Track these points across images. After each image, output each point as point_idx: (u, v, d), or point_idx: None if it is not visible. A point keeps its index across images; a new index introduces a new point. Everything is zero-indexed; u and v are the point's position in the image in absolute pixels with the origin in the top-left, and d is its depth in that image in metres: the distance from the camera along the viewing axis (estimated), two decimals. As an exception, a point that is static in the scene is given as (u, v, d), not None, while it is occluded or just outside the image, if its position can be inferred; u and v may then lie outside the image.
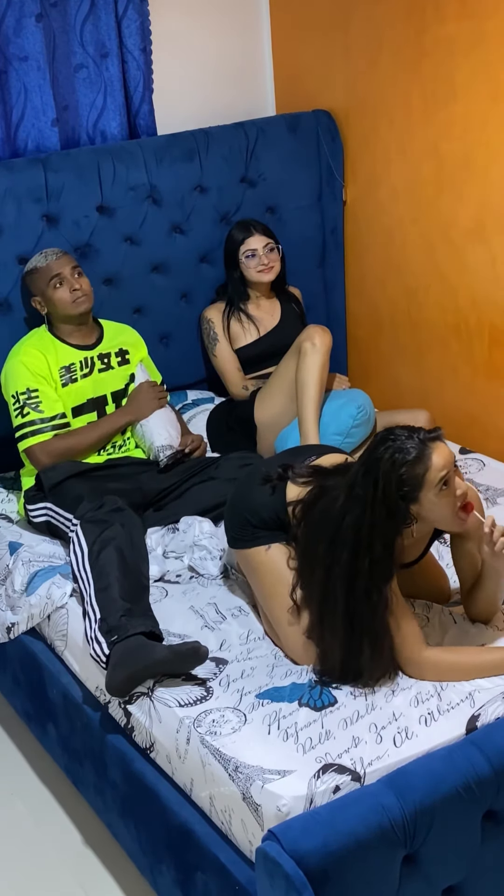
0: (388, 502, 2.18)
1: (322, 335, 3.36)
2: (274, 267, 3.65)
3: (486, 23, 3.19)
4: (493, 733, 2.06)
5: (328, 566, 2.28)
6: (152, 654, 2.37)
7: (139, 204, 3.60)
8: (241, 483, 2.67)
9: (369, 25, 3.61)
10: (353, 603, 2.24)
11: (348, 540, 2.23)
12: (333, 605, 2.27)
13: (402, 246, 3.78)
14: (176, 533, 3.02)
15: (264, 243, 3.63)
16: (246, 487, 2.61)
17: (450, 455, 2.21)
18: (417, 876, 1.93)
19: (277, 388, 3.48)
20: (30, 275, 3.30)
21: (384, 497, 2.18)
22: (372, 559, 2.21)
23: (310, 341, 3.34)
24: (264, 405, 3.51)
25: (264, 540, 2.51)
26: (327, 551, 2.29)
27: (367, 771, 2.04)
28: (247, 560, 2.55)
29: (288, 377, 3.41)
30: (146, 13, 3.64)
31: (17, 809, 2.93)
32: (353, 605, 2.24)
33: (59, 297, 3.23)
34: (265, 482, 2.54)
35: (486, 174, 3.35)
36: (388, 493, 2.18)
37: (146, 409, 3.29)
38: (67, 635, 2.71)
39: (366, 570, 2.22)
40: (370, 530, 2.21)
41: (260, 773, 2.05)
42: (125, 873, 2.66)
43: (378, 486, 2.18)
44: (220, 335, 3.68)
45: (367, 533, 2.21)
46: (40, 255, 3.29)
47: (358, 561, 2.22)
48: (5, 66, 3.46)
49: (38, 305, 3.29)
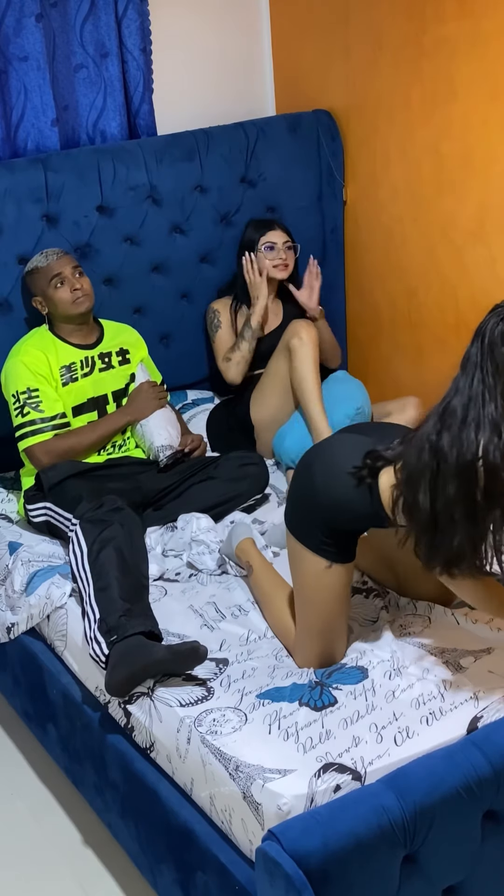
0: (496, 358, 2.03)
1: (307, 328, 3.41)
2: (289, 265, 3.66)
3: (486, 22, 3.19)
4: (493, 733, 2.06)
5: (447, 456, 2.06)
6: (152, 654, 2.37)
7: (139, 204, 3.60)
8: (320, 469, 2.34)
9: (369, 25, 3.62)
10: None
11: (470, 405, 2.04)
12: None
13: (402, 246, 3.78)
14: (175, 531, 3.03)
15: (284, 239, 3.64)
16: (327, 477, 2.31)
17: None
18: (417, 876, 1.93)
19: (270, 387, 3.49)
20: (30, 275, 3.30)
21: (491, 353, 2.04)
22: (495, 419, 2.01)
23: (296, 337, 3.38)
24: (259, 405, 3.52)
25: (331, 556, 2.32)
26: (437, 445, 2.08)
27: (367, 770, 2.04)
28: (302, 560, 2.37)
29: (279, 375, 3.44)
30: (146, 13, 3.64)
31: (17, 809, 2.93)
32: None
33: (59, 296, 3.23)
34: (353, 476, 2.27)
35: (486, 174, 3.35)
36: (495, 350, 2.03)
37: (146, 410, 3.29)
38: (67, 635, 2.71)
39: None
40: (481, 385, 2.03)
41: (260, 773, 2.05)
42: (125, 873, 2.66)
43: (485, 342, 2.05)
44: (224, 324, 3.68)
45: (479, 390, 2.03)
46: (41, 255, 3.29)
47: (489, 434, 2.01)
48: (5, 66, 3.46)
49: (38, 305, 3.29)
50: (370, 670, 2.36)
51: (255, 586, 2.72)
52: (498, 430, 2.02)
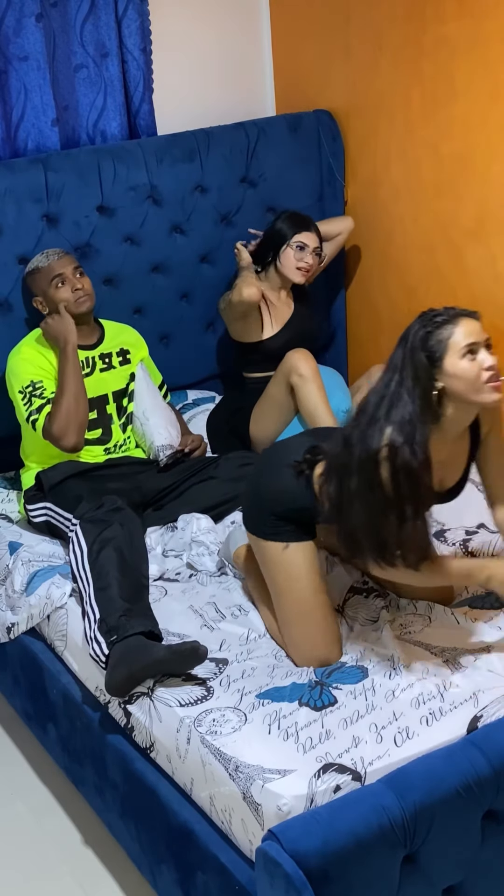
0: (415, 362, 2.21)
1: (306, 362, 3.36)
2: (311, 272, 3.60)
3: (486, 22, 3.19)
4: (493, 733, 2.06)
5: (356, 438, 2.23)
6: (152, 654, 2.37)
7: (139, 204, 3.60)
8: (266, 466, 2.57)
9: (369, 25, 3.62)
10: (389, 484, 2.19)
11: (382, 403, 2.21)
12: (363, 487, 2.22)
13: (402, 246, 3.78)
14: (175, 531, 3.03)
15: (316, 244, 3.58)
16: (271, 471, 2.52)
17: (478, 330, 2.25)
18: (417, 876, 1.93)
19: (268, 411, 3.47)
20: (31, 275, 3.30)
21: (412, 357, 2.21)
22: (404, 419, 2.18)
23: (296, 374, 3.34)
24: (258, 424, 3.51)
25: (285, 537, 2.46)
26: (355, 426, 2.25)
27: (367, 770, 2.04)
28: (262, 551, 2.51)
29: (278, 400, 3.42)
30: (146, 13, 3.64)
31: (18, 809, 2.93)
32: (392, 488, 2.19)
33: (61, 296, 3.23)
34: (293, 468, 2.45)
35: (486, 174, 3.35)
36: (415, 354, 2.21)
37: (65, 332, 3.16)
38: (67, 635, 2.71)
39: (401, 430, 2.17)
40: (398, 387, 2.21)
41: (260, 773, 2.05)
42: (125, 873, 2.66)
43: (406, 345, 2.23)
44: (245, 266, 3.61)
45: (396, 391, 2.21)
46: (42, 255, 3.29)
47: (390, 421, 2.19)
48: (5, 66, 3.46)
49: (39, 305, 3.29)
50: (370, 670, 2.36)
51: (252, 591, 2.73)
52: (403, 430, 2.17)
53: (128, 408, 3.36)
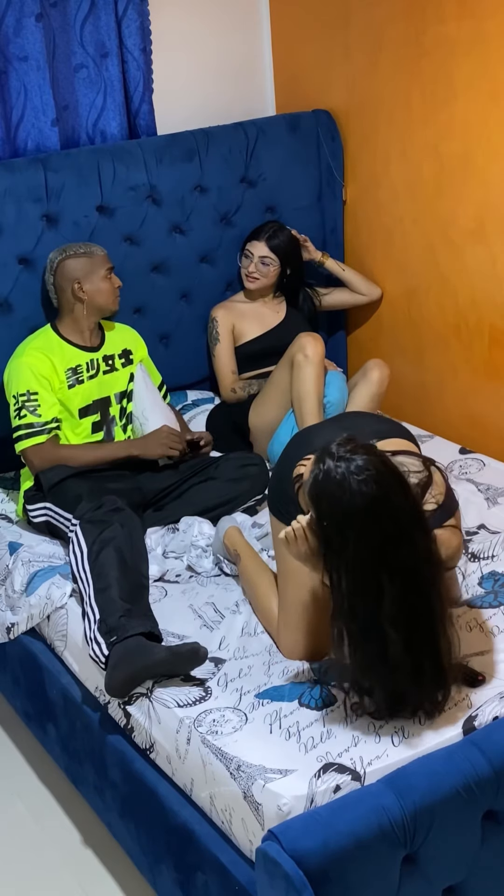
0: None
1: (314, 344, 3.35)
2: (259, 280, 3.68)
3: (486, 22, 3.19)
4: (492, 733, 2.06)
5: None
6: (151, 655, 2.37)
7: (139, 204, 3.60)
8: (292, 447, 2.53)
9: (369, 25, 3.62)
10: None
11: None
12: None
13: (402, 246, 3.78)
14: (176, 533, 3.03)
15: (263, 254, 3.66)
16: (295, 453, 2.46)
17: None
18: (417, 876, 1.93)
19: (271, 397, 3.48)
20: (76, 258, 3.25)
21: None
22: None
23: (302, 353, 3.34)
24: (259, 411, 3.52)
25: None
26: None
27: (367, 770, 2.04)
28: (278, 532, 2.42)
29: (281, 387, 3.42)
30: (146, 13, 3.64)
31: (18, 809, 2.93)
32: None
33: (107, 287, 3.25)
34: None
35: (486, 174, 3.35)
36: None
37: (154, 451, 3.24)
38: (67, 636, 2.71)
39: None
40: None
41: (262, 773, 2.05)
42: (125, 873, 2.66)
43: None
44: (223, 336, 3.69)
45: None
46: (82, 245, 3.30)
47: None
48: (5, 66, 3.46)
49: (76, 289, 3.23)
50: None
51: (242, 572, 2.73)
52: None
53: (128, 408, 3.36)
